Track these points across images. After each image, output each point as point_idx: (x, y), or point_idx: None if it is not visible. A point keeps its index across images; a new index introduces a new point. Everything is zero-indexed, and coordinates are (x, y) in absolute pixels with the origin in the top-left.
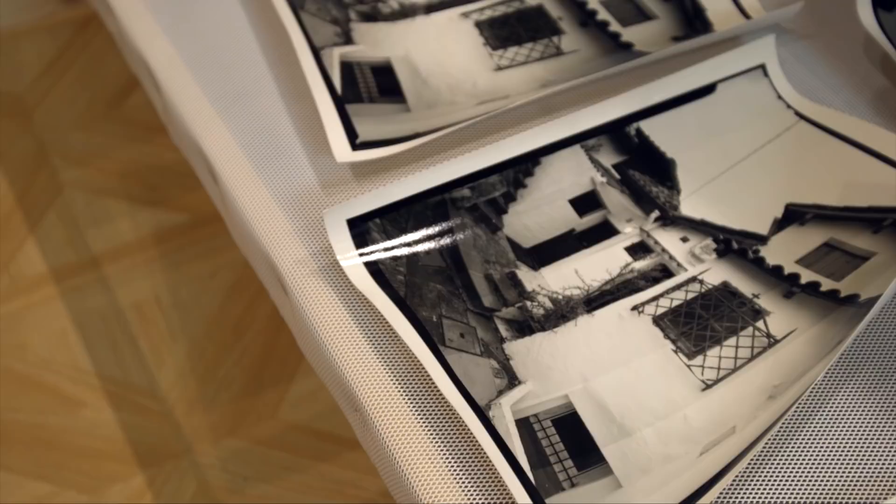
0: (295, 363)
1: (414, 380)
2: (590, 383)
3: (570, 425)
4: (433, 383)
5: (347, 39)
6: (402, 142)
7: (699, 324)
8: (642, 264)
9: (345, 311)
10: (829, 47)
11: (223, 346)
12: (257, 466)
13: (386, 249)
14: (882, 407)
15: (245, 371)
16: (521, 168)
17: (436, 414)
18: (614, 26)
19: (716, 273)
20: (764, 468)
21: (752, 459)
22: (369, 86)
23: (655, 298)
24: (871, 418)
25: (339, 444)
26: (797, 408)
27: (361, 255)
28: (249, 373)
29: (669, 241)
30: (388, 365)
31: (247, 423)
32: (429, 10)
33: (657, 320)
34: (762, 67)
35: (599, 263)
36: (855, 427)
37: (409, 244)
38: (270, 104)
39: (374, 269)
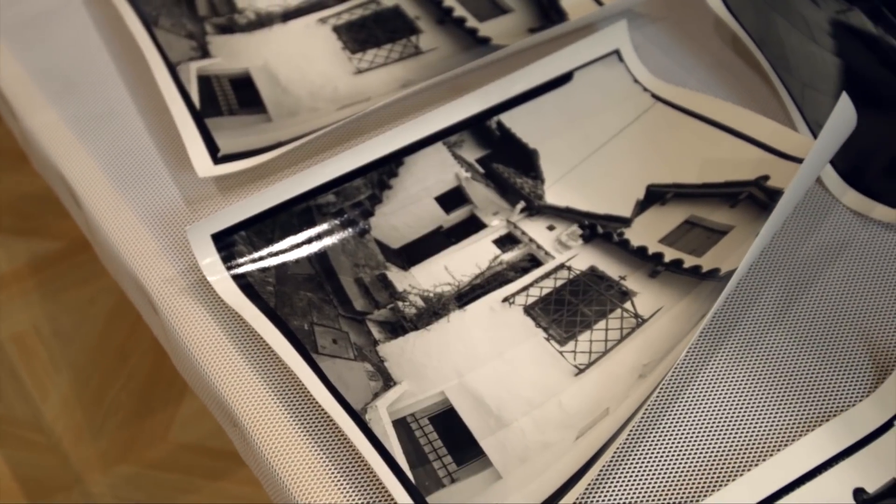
0: (183, 383)
1: (290, 390)
2: (465, 378)
3: (447, 421)
4: (309, 392)
5: (204, 53)
6: (264, 152)
7: (569, 310)
8: (511, 255)
9: (216, 326)
10: (681, 29)
11: (108, 372)
12: (150, 491)
13: (253, 261)
14: (747, 378)
15: (132, 395)
16: (385, 170)
17: (314, 422)
18: (471, 22)
19: (583, 258)
20: (638, 448)
21: (625, 439)
22: (228, 98)
23: (525, 288)
24: (737, 390)
25: (232, 460)
26: (667, 385)
27: (229, 269)
28: (137, 397)
29: (536, 230)
30: (263, 377)
31: (137, 448)
32: (286, 18)
33: (528, 310)
34: (617, 53)
35: (469, 258)
36: (722, 400)
37: (276, 254)
38: (130, 124)
39: (242, 282)
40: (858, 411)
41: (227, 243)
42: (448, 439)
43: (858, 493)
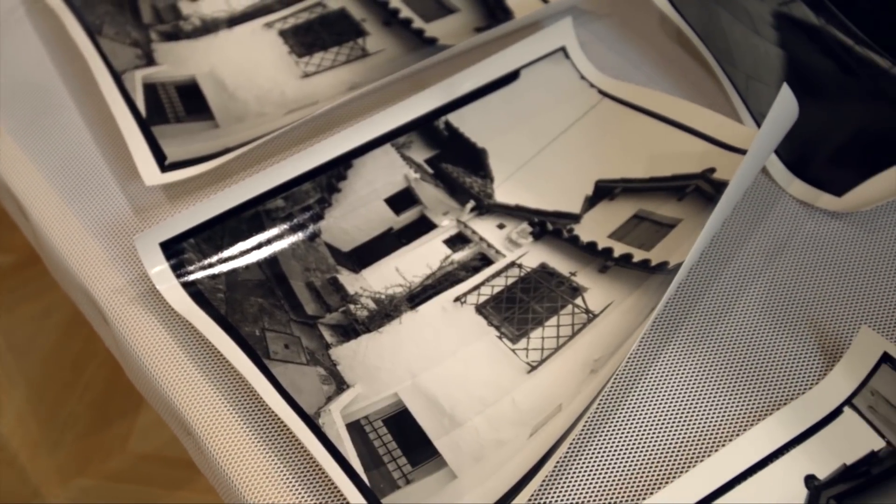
0: (140, 393)
1: (242, 397)
2: (418, 379)
3: (401, 423)
4: (261, 398)
5: (150, 61)
6: (212, 159)
7: (521, 307)
8: (462, 255)
9: (167, 335)
10: (627, 25)
11: (64, 385)
12: (110, 502)
13: (203, 268)
14: (698, 370)
15: (89, 407)
16: (334, 173)
17: (267, 429)
18: (417, 23)
19: (533, 256)
20: (592, 442)
21: (579, 435)
22: (175, 105)
23: (477, 287)
24: (689, 382)
25: (192, 469)
26: (619, 379)
27: (178, 277)
28: (94, 408)
29: (486, 229)
30: (215, 385)
31: (96, 460)
32: (231, 23)
33: (480, 309)
34: (563, 50)
35: (420, 259)
36: (674, 393)
37: (226, 261)
38: (76, 134)
39: (192, 289)
40: (808, 399)
41: (176, 251)
42: (402, 440)
43: (810, 479)
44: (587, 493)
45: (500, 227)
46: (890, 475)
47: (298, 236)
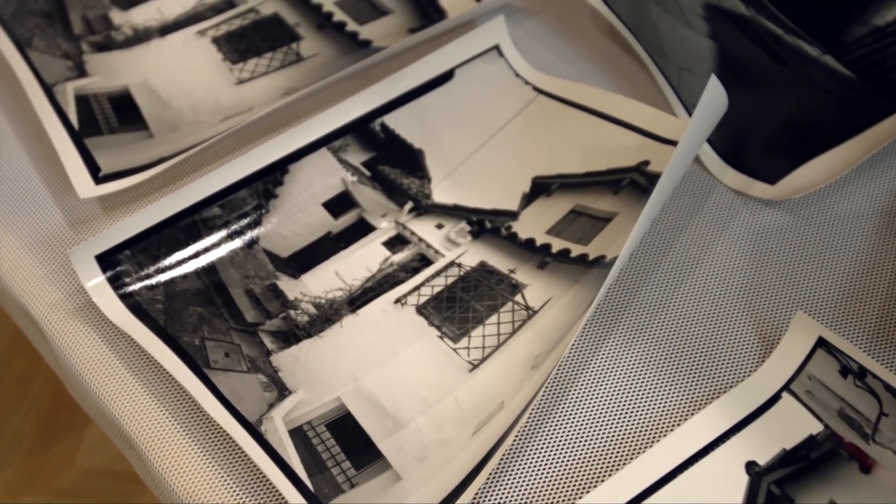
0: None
1: (184, 408)
2: (360, 382)
3: (344, 427)
4: (203, 408)
5: (81, 72)
6: (147, 169)
7: (461, 306)
8: (401, 256)
9: (106, 348)
10: (560, 21)
11: (9, 403)
12: None
13: (140, 280)
14: (639, 361)
15: (35, 424)
16: (270, 179)
17: (210, 439)
18: (351, 25)
19: (472, 254)
20: (535, 438)
21: (522, 431)
22: (108, 117)
23: (417, 288)
24: (629, 374)
25: (141, 482)
26: (561, 373)
27: (115, 289)
28: (41, 425)
29: (425, 229)
30: (156, 397)
31: (44, 477)
32: (164, 32)
33: (420, 309)
34: (497, 48)
35: (359, 262)
36: (615, 385)
37: (163, 271)
38: (8, 149)
39: (130, 301)
40: (747, 386)
41: (113, 263)
42: (346, 444)
43: (750, 465)
44: (532, 488)
45: (439, 226)
46: (828, 458)
47: (236, 244)
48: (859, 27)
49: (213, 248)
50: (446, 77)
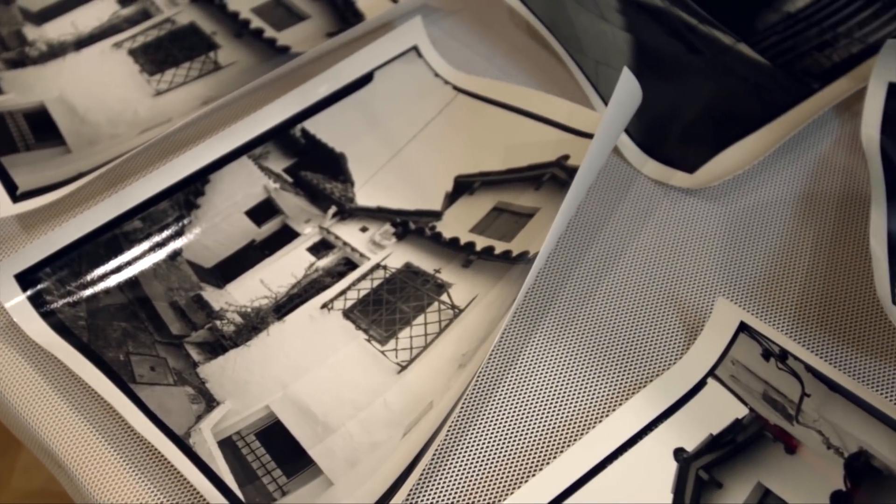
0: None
1: (111, 424)
2: (289, 389)
3: (274, 435)
4: (130, 424)
5: None
6: (65, 185)
7: (388, 308)
8: (326, 261)
9: (30, 368)
10: (477, 19)
11: None
12: None
13: (62, 297)
14: (566, 354)
15: None
16: (191, 190)
17: (139, 454)
18: (269, 32)
19: (398, 256)
20: (465, 436)
21: (451, 430)
22: (24, 134)
23: (343, 292)
24: (557, 367)
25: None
26: (488, 370)
27: (37, 308)
28: None
29: (349, 233)
30: (83, 414)
31: None
32: (79, 46)
33: (347, 313)
34: (415, 49)
35: (284, 269)
36: (543, 380)
37: (86, 287)
38: None
39: (52, 320)
40: (673, 374)
41: (33, 282)
42: (276, 453)
43: (678, 452)
44: (464, 486)
45: (364, 230)
46: (754, 441)
47: (159, 256)
48: (772, 14)
49: (135, 262)
50: (366, 80)
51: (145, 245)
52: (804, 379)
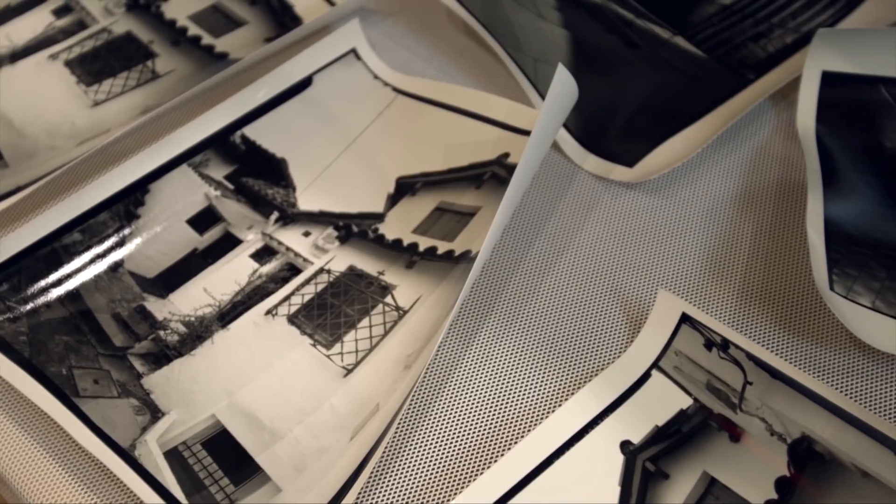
0: None
1: (55, 439)
2: (235, 397)
3: (221, 444)
4: (74, 438)
5: None
6: (3, 199)
7: (332, 312)
8: (269, 267)
9: None
10: (416, 21)
11: None
12: None
13: (2, 313)
14: (511, 351)
15: None
16: (131, 200)
17: (84, 469)
18: (207, 39)
19: (341, 259)
20: (412, 437)
21: (398, 431)
22: None
23: (287, 298)
24: (503, 365)
25: None
26: (434, 370)
27: None
28: None
29: (292, 238)
30: (26, 430)
31: None
32: (14, 58)
33: (292, 319)
34: (354, 51)
35: (228, 276)
36: (490, 377)
37: (25, 302)
38: None
39: None
40: (617, 367)
41: None
42: (223, 461)
43: (625, 445)
44: (413, 487)
45: (306, 234)
46: (699, 431)
47: (100, 268)
48: (707, 6)
49: (76, 275)
50: (305, 84)
51: (86, 257)
52: (746, 367)
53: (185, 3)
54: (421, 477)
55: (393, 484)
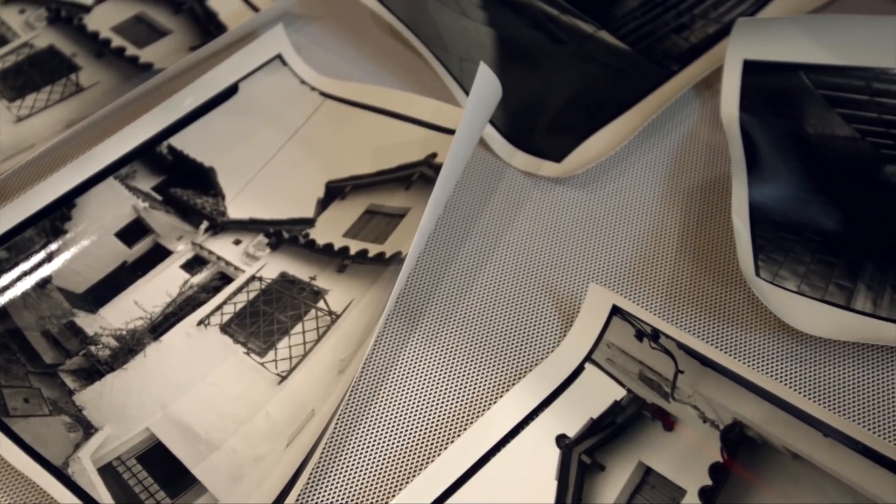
0: None
1: None
2: (169, 409)
3: (156, 457)
4: (4, 459)
5: None
6: None
7: (265, 320)
8: (200, 277)
9: None
10: (340, 24)
11: None
12: None
13: None
14: (445, 351)
15: None
16: (57, 215)
17: (17, 489)
18: (131, 50)
19: (272, 266)
20: (349, 441)
21: (334, 436)
22: None
23: (219, 307)
24: (437, 365)
25: None
26: (369, 374)
27: None
28: None
29: (223, 247)
30: None
31: None
32: None
33: (224, 328)
34: (279, 57)
35: (158, 288)
36: (424, 378)
37: None
38: None
39: None
40: (551, 362)
41: None
42: (159, 475)
43: (560, 438)
44: (350, 490)
45: (237, 242)
46: (633, 421)
47: (27, 285)
48: (630, 0)
49: (2, 293)
50: (231, 92)
51: (12, 275)
52: (677, 356)
53: (108, 14)
54: (359, 479)
55: (331, 488)
